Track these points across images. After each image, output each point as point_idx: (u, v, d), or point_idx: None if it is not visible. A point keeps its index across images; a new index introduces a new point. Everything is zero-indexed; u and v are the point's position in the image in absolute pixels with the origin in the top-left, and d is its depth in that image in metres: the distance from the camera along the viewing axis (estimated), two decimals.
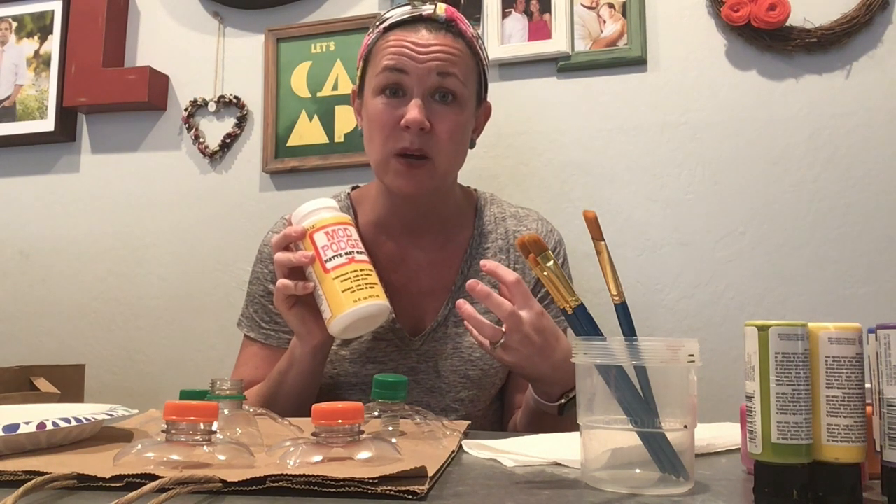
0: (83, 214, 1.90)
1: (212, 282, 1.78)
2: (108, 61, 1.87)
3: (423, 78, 1.00)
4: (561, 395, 0.93)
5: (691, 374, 0.56)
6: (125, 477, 0.53)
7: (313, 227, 0.88)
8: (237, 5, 1.85)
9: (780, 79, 1.51)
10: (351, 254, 0.87)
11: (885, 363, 0.52)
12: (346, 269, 0.86)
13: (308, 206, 0.92)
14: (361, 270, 0.87)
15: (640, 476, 0.57)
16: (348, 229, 0.90)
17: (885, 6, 1.46)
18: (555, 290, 0.65)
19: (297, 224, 0.91)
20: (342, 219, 0.91)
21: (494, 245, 1.12)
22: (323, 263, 0.86)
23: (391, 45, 1.01)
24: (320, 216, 0.90)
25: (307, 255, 0.87)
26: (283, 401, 0.97)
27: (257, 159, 1.79)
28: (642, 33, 1.57)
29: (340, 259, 0.86)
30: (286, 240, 0.90)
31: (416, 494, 0.52)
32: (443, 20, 1.03)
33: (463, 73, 1.02)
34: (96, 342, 1.85)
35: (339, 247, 0.87)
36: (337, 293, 0.85)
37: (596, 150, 1.59)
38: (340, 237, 0.88)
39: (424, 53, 1.00)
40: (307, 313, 0.91)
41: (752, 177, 1.50)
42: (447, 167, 1.04)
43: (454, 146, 1.03)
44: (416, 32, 1.01)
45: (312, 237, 0.88)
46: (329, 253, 0.87)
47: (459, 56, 1.02)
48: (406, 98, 1.00)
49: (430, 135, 1.00)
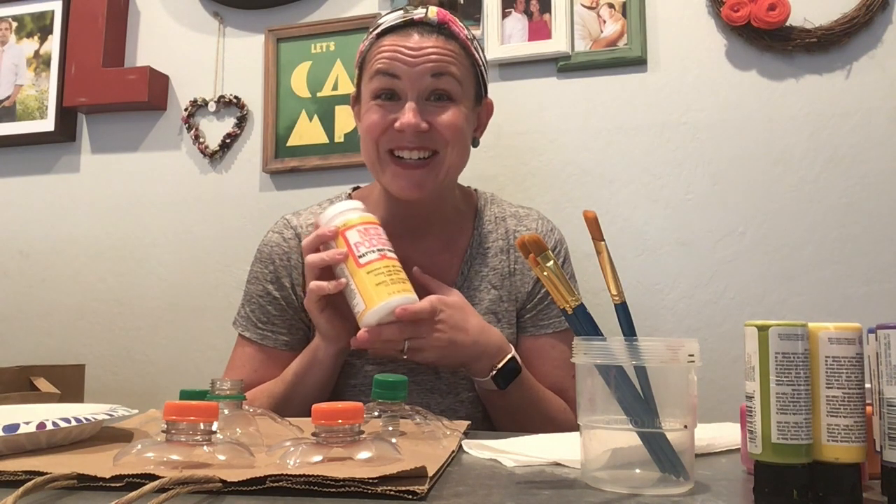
0: (83, 214, 1.90)
1: (212, 282, 1.78)
2: (108, 61, 1.87)
3: (417, 81, 1.00)
4: (490, 369, 0.96)
5: (691, 374, 0.56)
6: (125, 477, 0.53)
7: (345, 225, 0.91)
8: (237, 5, 1.84)
9: (780, 79, 1.51)
10: (383, 250, 0.90)
11: (885, 363, 0.52)
12: (378, 265, 0.88)
13: (337, 207, 0.94)
14: (393, 266, 0.89)
15: (640, 476, 0.57)
16: (378, 228, 0.93)
17: (885, 6, 1.46)
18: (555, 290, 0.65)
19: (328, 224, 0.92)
20: (371, 218, 0.93)
21: (495, 245, 1.12)
22: (356, 259, 0.88)
23: (383, 51, 1.01)
24: (350, 216, 0.92)
25: (341, 252, 0.89)
26: (299, 402, 0.98)
27: (257, 159, 1.79)
28: (642, 33, 1.57)
29: (373, 255, 0.89)
30: (319, 240, 0.91)
31: (416, 494, 0.52)
32: (434, 23, 1.02)
33: (457, 72, 1.02)
34: (96, 342, 1.85)
35: (372, 243, 0.90)
36: (371, 286, 0.87)
37: (596, 150, 1.59)
38: (372, 235, 0.91)
39: (417, 57, 0.99)
40: (336, 316, 0.92)
41: (752, 177, 1.50)
42: (452, 161, 1.03)
43: (457, 139, 1.02)
44: (408, 37, 1.01)
45: (345, 234, 0.90)
46: (362, 249, 0.89)
47: (453, 56, 1.02)
48: (400, 102, 1.00)
49: (430, 133, 1.00)
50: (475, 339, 0.95)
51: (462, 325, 0.94)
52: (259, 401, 1.01)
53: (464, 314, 0.95)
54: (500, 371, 0.96)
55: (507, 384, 0.97)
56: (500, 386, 0.97)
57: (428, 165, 1.01)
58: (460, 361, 0.97)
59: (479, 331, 0.96)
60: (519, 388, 0.98)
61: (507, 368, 0.97)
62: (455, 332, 0.92)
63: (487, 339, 0.97)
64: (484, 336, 0.96)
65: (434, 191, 1.03)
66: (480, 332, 0.96)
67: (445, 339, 0.91)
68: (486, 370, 0.96)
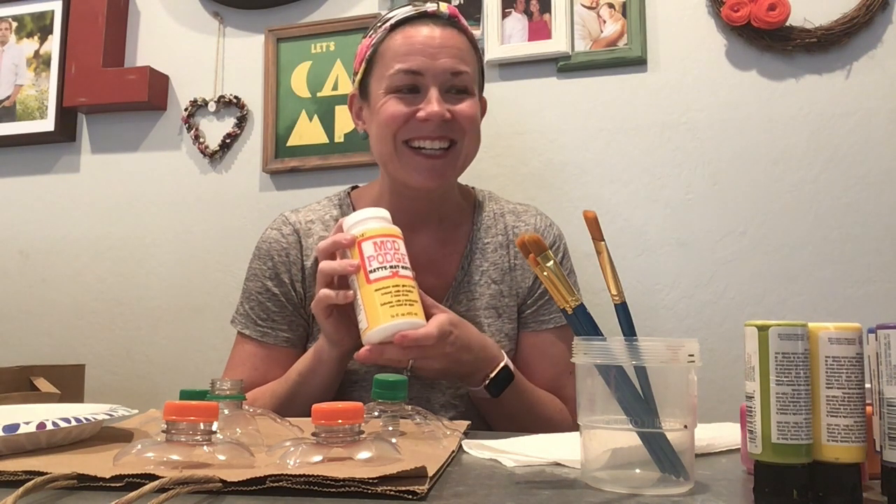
0: (83, 214, 1.90)
1: (212, 282, 1.78)
2: (108, 61, 1.87)
3: (438, 75, 1.02)
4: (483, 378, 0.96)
5: (691, 374, 0.56)
6: (125, 477, 0.53)
7: (363, 235, 0.88)
8: (237, 5, 1.84)
9: (780, 79, 1.51)
10: (396, 268, 0.87)
11: (885, 363, 0.52)
12: (387, 283, 0.85)
13: (360, 213, 0.91)
14: (403, 286, 0.86)
15: (640, 476, 0.57)
16: (396, 242, 0.90)
17: (885, 6, 1.46)
18: (555, 290, 0.65)
19: (347, 231, 0.90)
20: (392, 231, 0.90)
21: (494, 241, 1.12)
22: (367, 274, 0.86)
23: (402, 44, 1.02)
24: (370, 226, 0.89)
25: (353, 263, 0.87)
26: (302, 402, 0.97)
27: (257, 159, 1.79)
28: (642, 33, 1.57)
29: (384, 272, 0.86)
30: (334, 246, 0.89)
31: (416, 494, 0.52)
32: (446, 17, 1.05)
33: (470, 68, 1.05)
34: (96, 342, 1.85)
35: (385, 259, 0.87)
36: (376, 305, 0.85)
37: (596, 150, 1.59)
38: (388, 249, 0.88)
39: (437, 50, 1.02)
40: (343, 322, 0.92)
41: (752, 177, 1.50)
42: (469, 151, 1.06)
43: (474, 129, 1.06)
44: (423, 29, 1.03)
45: (360, 245, 0.88)
46: (374, 264, 0.86)
47: (466, 52, 1.05)
48: (420, 95, 1.02)
49: (451, 122, 1.02)
50: (476, 356, 0.95)
51: (467, 344, 0.93)
52: (262, 400, 1.01)
53: (468, 331, 0.94)
54: (492, 380, 0.96)
55: (500, 392, 0.97)
56: (493, 394, 0.97)
57: (448, 156, 1.03)
58: (460, 376, 0.98)
59: (480, 346, 0.95)
60: (512, 394, 0.98)
61: (500, 377, 0.96)
62: (461, 351, 0.91)
63: (486, 352, 0.96)
64: (483, 350, 0.96)
65: (451, 180, 1.06)
66: (481, 347, 0.96)
67: (451, 359, 0.91)
68: (480, 380, 0.96)
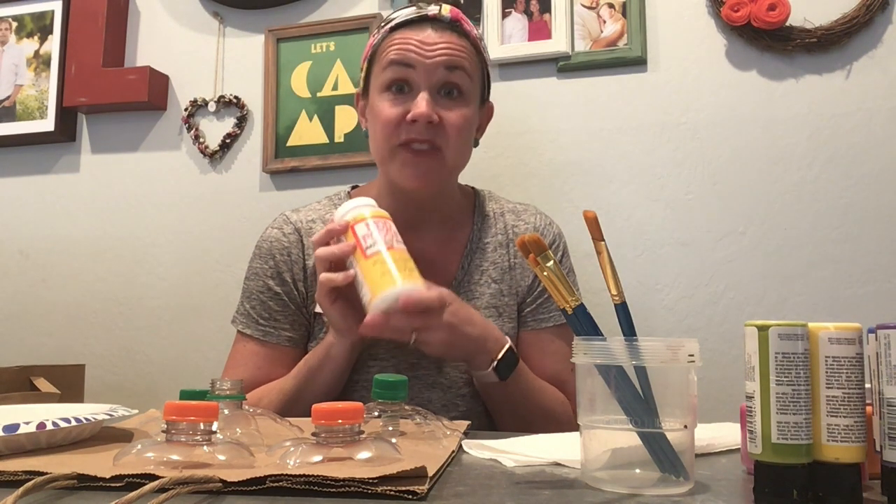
0: (83, 214, 1.90)
1: (212, 282, 1.78)
2: (108, 61, 1.87)
3: (430, 73, 1.01)
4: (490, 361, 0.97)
5: (691, 374, 0.56)
6: (125, 477, 0.53)
7: (354, 219, 0.92)
8: (237, 5, 1.84)
9: (780, 79, 1.51)
10: (390, 242, 0.91)
11: (885, 363, 0.52)
12: (384, 255, 0.89)
13: (349, 204, 0.95)
14: (400, 256, 0.90)
15: (640, 476, 0.57)
16: (387, 222, 0.94)
17: (885, 6, 1.46)
18: (554, 290, 0.65)
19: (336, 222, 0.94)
20: (382, 213, 0.95)
21: (494, 240, 1.13)
22: (363, 250, 0.90)
23: (397, 43, 1.03)
24: (360, 212, 0.94)
25: (349, 244, 0.90)
26: (310, 399, 0.97)
27: (257, 159, 1.79)
28: (642, 33, 1.57)
29: (380, 246, 0.90)
30: (329, 235, 0.92)
31: (416, 494, 0.52)
32: (448, 20, 1.05)
33: (468, 69, 1.04)
34: (96, 342, 1.85)
35: (379, 235, 0.91)
36: (377, 275, 0.88)
37: (596, 150, 1.59)
38: (380, 228, 0.92)
39: (431, 50, 1.01)
40: (348, 308, 0.92)
41: (752, 177, 1.50)
42: (455, 159, 1.06)
43: (462, 139, 1.05)
44: (422, 31, 1.03)
45: (353, 228, 0.92)
46: (369, 241, 0.90)
47: (465, 53, 1.04)
48: (412, 94, 1.02)
49: (438, 127, 1.01)
50: (480, 333, 0.96)
51: (469, 318, 0.95)
52: (269, 397, 1.01)
53: (468, 307, 0.97)
54: (500, 361, 0.97)
55: (509, 373, 0.97)
56: (502, 376, 0.97)
57: (433, 156, 1.03)
58: (465, 354, 0.97)
59: (483, 324, 0.97)
60: (517, 379, 0.99)
61: (507, 359, 0.97)
62: (464, 324, 0.93)
63: (490, 332, 0.98)
64: (487, 329, 0.98)
65: (438, 185, 1.06)
66: (485, 325, 0.98)
67: (454, 330, 0.92)
68: (487, 363, 0.97)
